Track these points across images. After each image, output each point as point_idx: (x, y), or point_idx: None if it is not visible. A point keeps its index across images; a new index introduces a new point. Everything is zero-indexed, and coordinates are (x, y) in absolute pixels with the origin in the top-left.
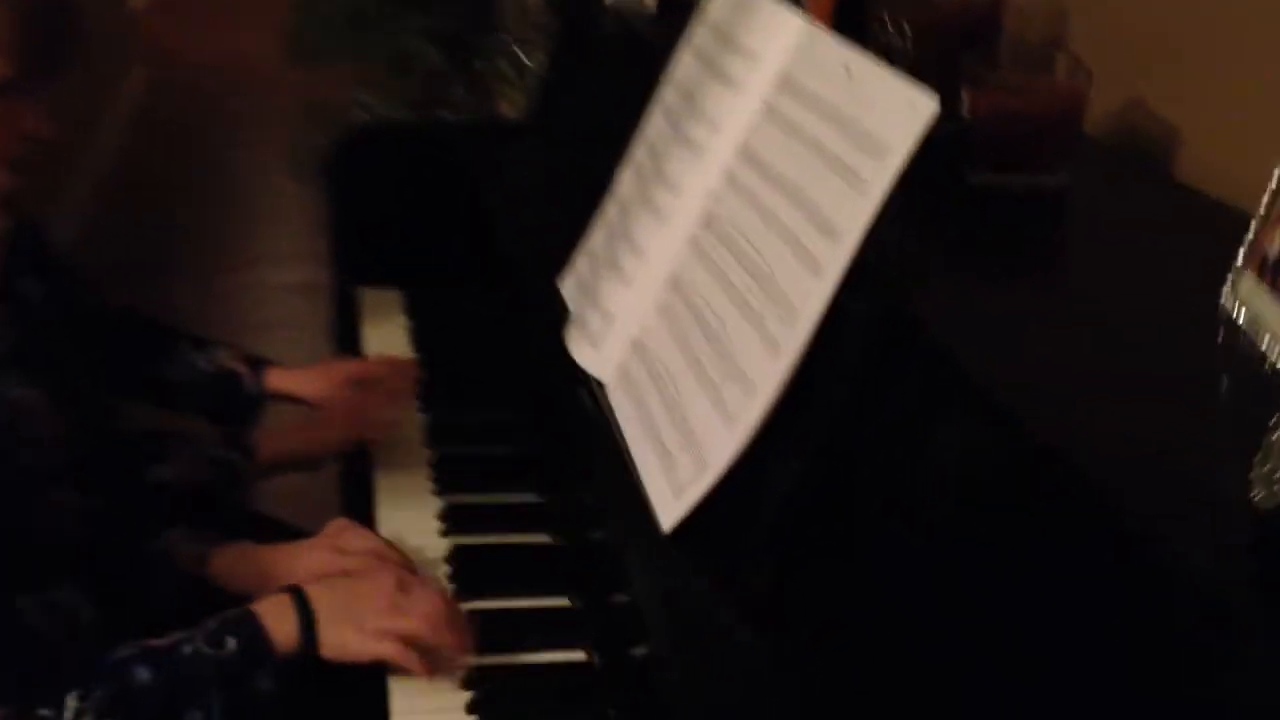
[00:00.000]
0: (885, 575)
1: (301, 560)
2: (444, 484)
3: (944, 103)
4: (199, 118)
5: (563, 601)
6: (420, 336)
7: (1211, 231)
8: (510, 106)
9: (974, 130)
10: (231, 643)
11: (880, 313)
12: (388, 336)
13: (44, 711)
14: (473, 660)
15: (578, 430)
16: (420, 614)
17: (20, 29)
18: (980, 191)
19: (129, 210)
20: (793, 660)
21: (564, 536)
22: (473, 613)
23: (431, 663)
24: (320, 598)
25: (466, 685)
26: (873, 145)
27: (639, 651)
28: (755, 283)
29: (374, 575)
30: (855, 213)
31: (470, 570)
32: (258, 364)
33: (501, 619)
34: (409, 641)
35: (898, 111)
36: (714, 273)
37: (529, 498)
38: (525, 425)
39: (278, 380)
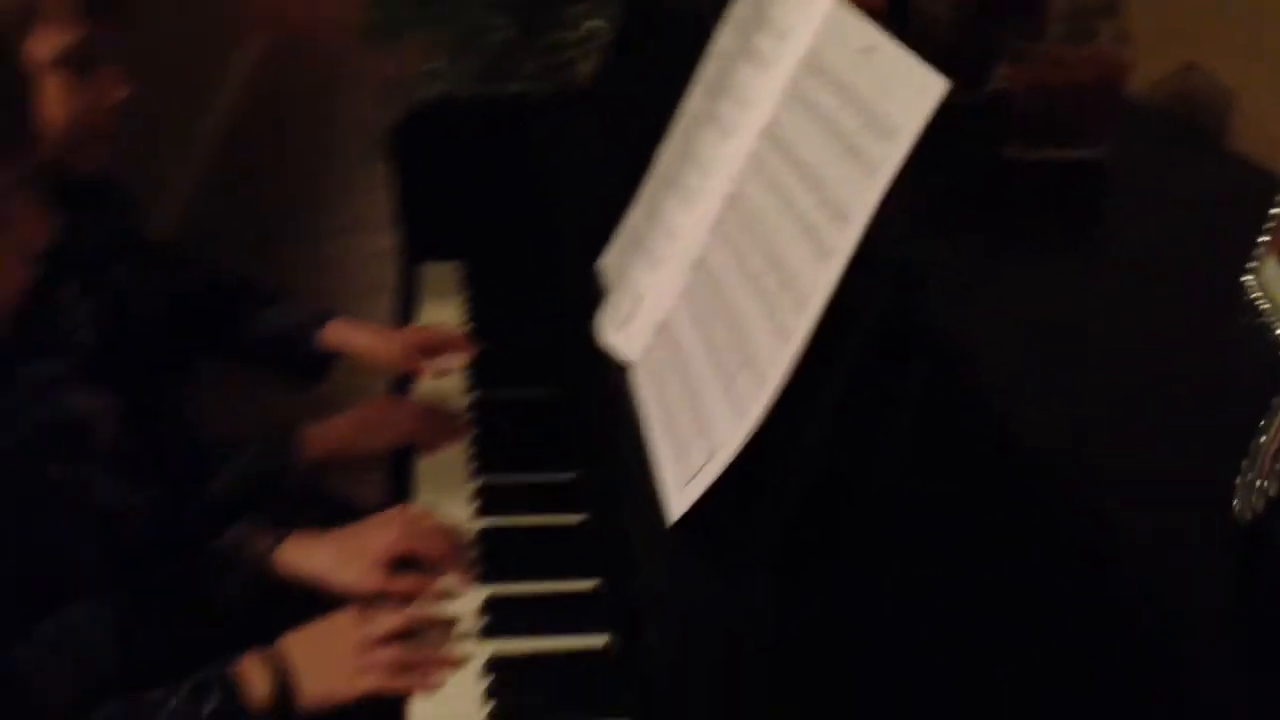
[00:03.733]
0: (884, 569)
1: (363, 538)
2: (482, 464)
3: (985, 74)
4: (310, 84)
5: (587, 585)
6: (474, 311)
7: (1259, 206)
8: (583, 78)
9: (1008, 103)
10: (209, 703)
11: (882, 300)
12: (443, 311)
13: None
14: (488, 649)
15: (606, 412)
16: (392, 633)
17: None
18: (1014, 166)
19: (240, 173)
20: (790, 655)
21: (591, 520)
22: (493, 598)
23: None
24: (293, 653)
25: (486, 685)
26: (884, 127)
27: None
28: (770, 268)
29: (334, 619)
30: (864, 195)
31: (498, 553)
32: (322, 318)
33: (524, 604)
34: (392, 665)
35: (908, 92)
36: (735, 256)
37: (561, 478)
38: (563, 405)
39: (338, 334)
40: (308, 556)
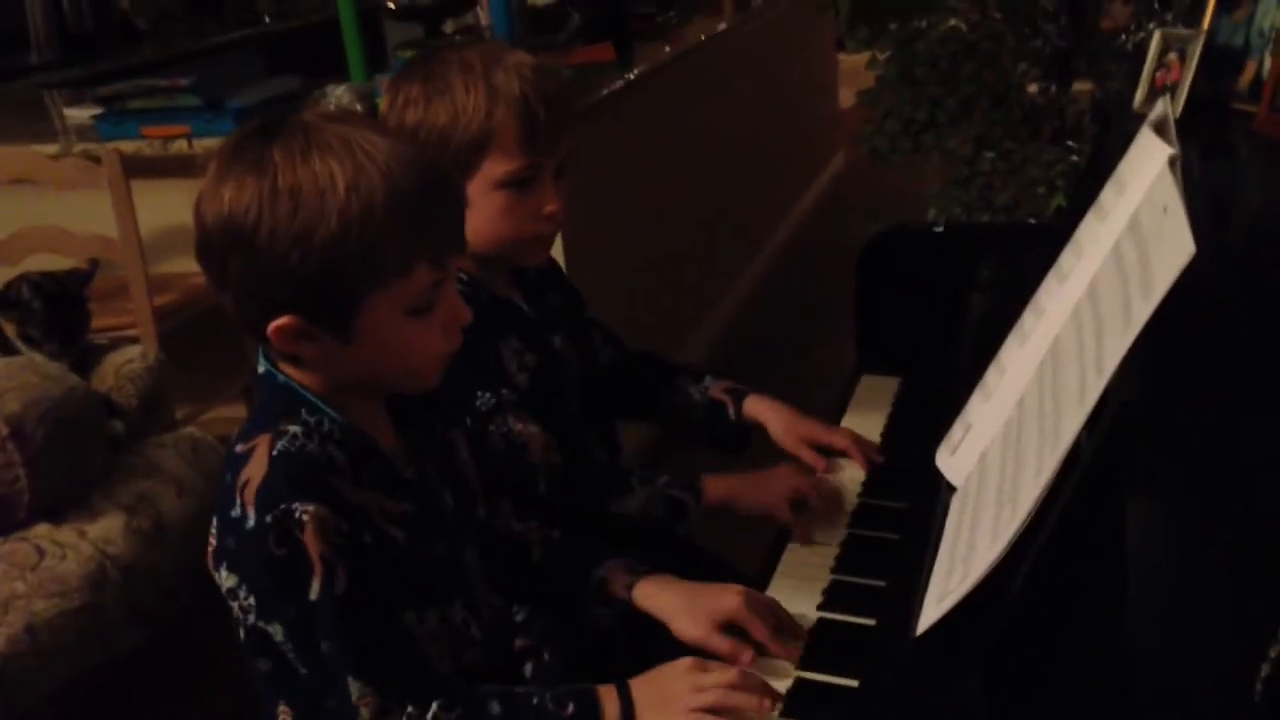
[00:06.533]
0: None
1: (708, 598)
2: (840, 562)
3: None
4: (873, 199)
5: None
6: (890, 426)
7: None
8: (1052, 213)
9: None
10: (571, 707)
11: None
12: (864, 421)
13: (410, 709)
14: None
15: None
16: (721, 685)
17: (523, 127)
18: None
19: (793, 270)
20: None
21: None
22: (800, 680)
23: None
24: (637, 688)
25: None
26: (1148, 284)
27: None
28: (1053, 409)
29: (674, 664)
30: (1119, 347)
31: (818, 643)
32: (743, 391)
33: (818, 690)
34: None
35: (1171, 253)
36: (1039, 396)
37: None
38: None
39: (756, 406)
40: (658, 597)
